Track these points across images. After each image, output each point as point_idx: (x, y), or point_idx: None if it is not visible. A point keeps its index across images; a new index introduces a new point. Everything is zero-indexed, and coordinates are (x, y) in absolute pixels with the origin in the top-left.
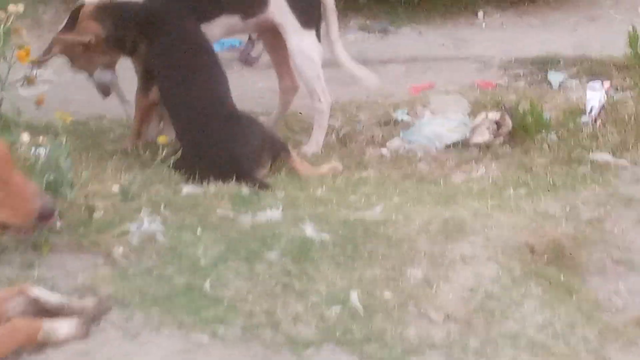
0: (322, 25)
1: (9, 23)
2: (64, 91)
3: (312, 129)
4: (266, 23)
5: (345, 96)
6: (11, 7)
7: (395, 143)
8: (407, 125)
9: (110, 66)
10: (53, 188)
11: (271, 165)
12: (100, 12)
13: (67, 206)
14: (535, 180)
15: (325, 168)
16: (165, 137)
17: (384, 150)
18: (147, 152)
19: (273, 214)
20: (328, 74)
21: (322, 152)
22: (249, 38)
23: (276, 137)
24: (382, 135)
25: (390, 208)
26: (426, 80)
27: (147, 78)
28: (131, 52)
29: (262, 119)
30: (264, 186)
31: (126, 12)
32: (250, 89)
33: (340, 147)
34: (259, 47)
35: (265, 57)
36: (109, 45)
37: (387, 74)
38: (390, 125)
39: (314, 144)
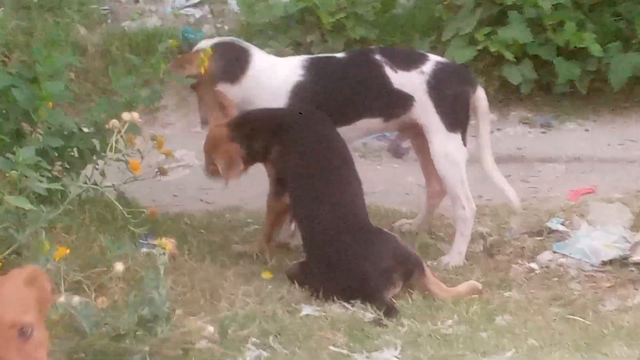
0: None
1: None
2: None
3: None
4: (409, 123)
5: (498, 198)
6: (125, 115)
7: (546, 256)
8: (561, 237)
9: None
10: (144, 323)
11: (404, 284)
12: (235, 132)
13: (159, 344)
14: None
15: (462, 288)
16: (270, 273)
17: (534, 265)
18: (274, 260)
19: (389, 355)
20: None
21: (464, 263)
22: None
23: (411, 253)
24: (533, 247)
25: (522, 355)
26: (588, 184)
27: (279, 183)
28: (263, 158)
29: (404, 222)
30: (390, 312)
31: (260, 121)
32: (397, 183)
33: (485, 259)
34: None
35: None
36: (247, 158)
37: (546, 174)
38: (543, 235)
39: (456, 254)
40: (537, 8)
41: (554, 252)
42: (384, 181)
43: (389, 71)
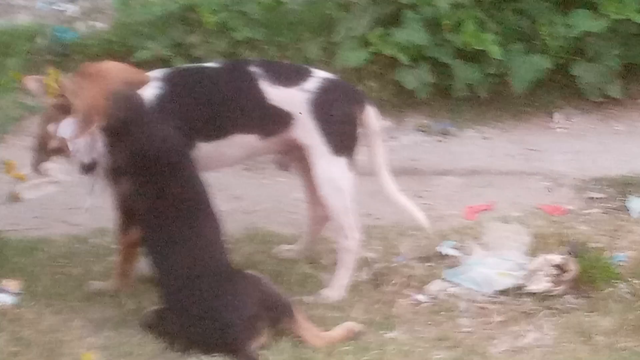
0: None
1: None
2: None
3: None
4: (290, 144)
5: (389, 216)
6: None
7: (435, 286)
8: (452, 263)
9: None
10: None
11: (272, 330)
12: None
13: None
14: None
15: (337, 332)
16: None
17: (421, 297)
18: (129, 301)
19: None
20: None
21: (345, 297)
22: None
23: (278, 297)
24: (423, 275)
25: None
26: (485, 199)
27: (126, 214)
28: (110, 173)
29: (283, 248)
30: None
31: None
32: (282, 201)
33: (369, 290)
34: None
35: None
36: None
37: (441, 188)
38: (433, 260)
39: (337, 287)
40: (433, 7)
41: (444, 279)
42: (267, 198)
43: (264, 85)
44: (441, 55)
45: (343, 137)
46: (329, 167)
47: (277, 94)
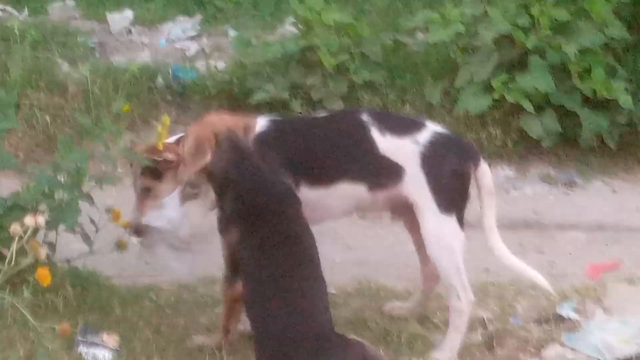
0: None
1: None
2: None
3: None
4: (399, 200)
5: (506, 273)
6: (28, 220)
7: (553, 351)
8: (572, 326)
9: None
10: None
11: None
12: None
13: None
14: None
15: None
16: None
17: None
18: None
19: None
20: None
21: None
22: None
23: None
24: (539, 337)
25: None
26: (611, 257)
27: (233, 265)
28: (220, 223)
29: (395, 305)
30: None
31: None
32: (397, 252)
33: (482, 353)
34: None
35: None
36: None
37: (564, 243)
38: (552, 323)
39: (447, 350)
40: (561, 52)
41: (563, 344)
42: (382, 249)
43: (375, 134)
44: (568, 102)
45: (454, 194)
46: (438, 225)
47: (388, 144)
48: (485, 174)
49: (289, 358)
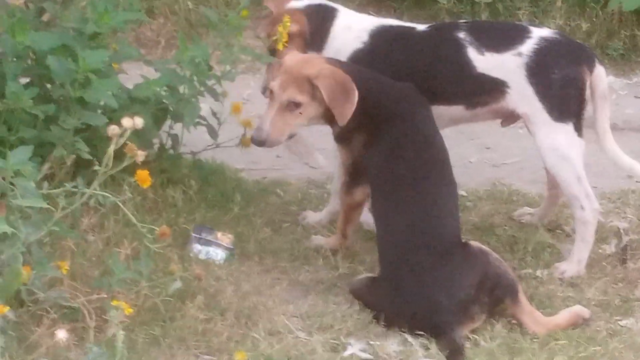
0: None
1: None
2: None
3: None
4: (505, 113)
5: None
6: (125, 121)
7: None
8: None
9: None
10: None
11: (491, 311)
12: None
13: None
14: None
15: (563, 317)
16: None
17: None
18: (344, 265)
19: None
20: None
21: (584, 273)
22: None
23: (504, 277)
24: None
25: None
26: None
27: (354, 172)
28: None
29: (525, 211)
30: (455, 358)
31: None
32: (535, 154)
33: (613, 267)
34: None
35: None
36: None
37: None
38: None
39: (575, 263)
40: None
41: None
42: (520, 150)
43: (472, 53)
44: None
45: (567, 101)
46: (552, 135)
47: (486, 62)
48: (601, 77)
49: (408, 267)
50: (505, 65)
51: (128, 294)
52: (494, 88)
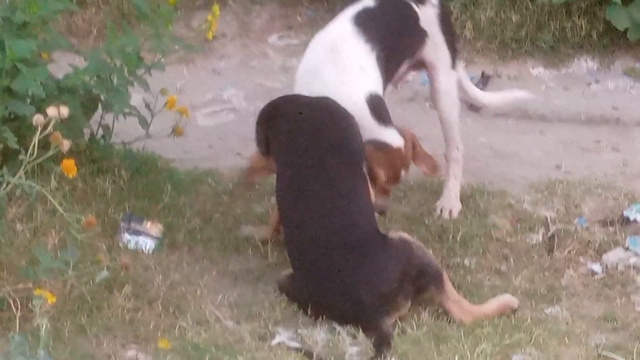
0: None
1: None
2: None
3: None
4: (417, 63)
5: (580, 171)
6: (51, 111)
7: (615, 255)
8: (638, 230)
9: None
10: None
11: (416, 299)
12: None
13: None
14: None
15: (491, 306)
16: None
17: (596, 267)
18: (274, 255)
19: None
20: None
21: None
22: (482, 75)
23: (428, 266)
24: (602, 240)
25: None
26: None
27: None
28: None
29: None
30: (380, 345)
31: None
32: (469, 146)
33: (539, 256)
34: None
35: None
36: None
37: None
38: (617, 225)
39: (454, 198)
40: None
41: (626, 249)
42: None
43: (415, 8)
44: None
45: (457, 50)
46: (449, 80)
47: (421, 15)
48: None
49: (324, 268)
50: (427, 15)
51: (55, 283)
52: (421, 39)
